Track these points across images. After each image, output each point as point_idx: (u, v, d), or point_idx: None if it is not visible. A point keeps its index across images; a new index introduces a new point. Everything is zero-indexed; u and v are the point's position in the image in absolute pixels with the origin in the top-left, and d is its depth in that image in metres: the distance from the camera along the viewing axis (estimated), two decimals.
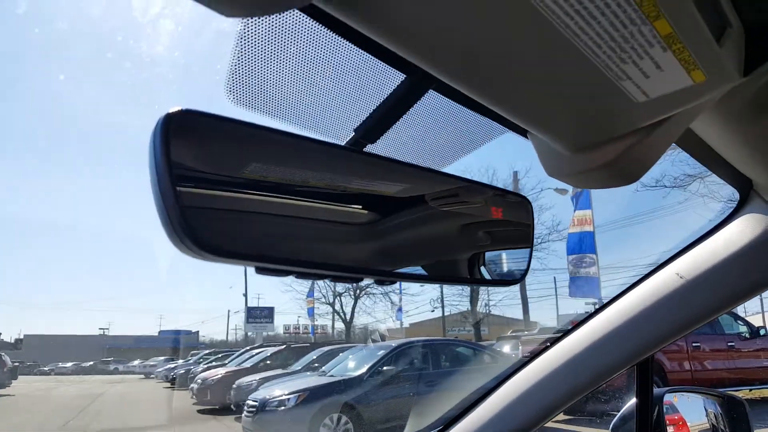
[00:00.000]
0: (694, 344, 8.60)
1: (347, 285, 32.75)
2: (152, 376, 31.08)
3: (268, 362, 14.04)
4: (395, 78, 0.55)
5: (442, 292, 29.73)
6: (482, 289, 26.85)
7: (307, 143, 0.50)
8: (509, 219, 0.61)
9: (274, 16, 0.47)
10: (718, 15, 0.41)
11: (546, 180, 19.28)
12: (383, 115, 0.57)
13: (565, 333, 1.26)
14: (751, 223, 0.98)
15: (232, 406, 10.82)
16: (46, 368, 45.32)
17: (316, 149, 0.51)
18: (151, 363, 36.88)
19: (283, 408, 7.82)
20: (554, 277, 31.41)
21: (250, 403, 8.21)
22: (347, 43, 0.50)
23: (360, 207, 0.51)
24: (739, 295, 1.02)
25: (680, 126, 0.57)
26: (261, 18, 0.47)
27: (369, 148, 0.58)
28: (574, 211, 13.76)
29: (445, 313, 31.26)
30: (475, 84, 0.46)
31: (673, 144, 0.81)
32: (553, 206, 23.25)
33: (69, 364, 47.24)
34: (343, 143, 0.57)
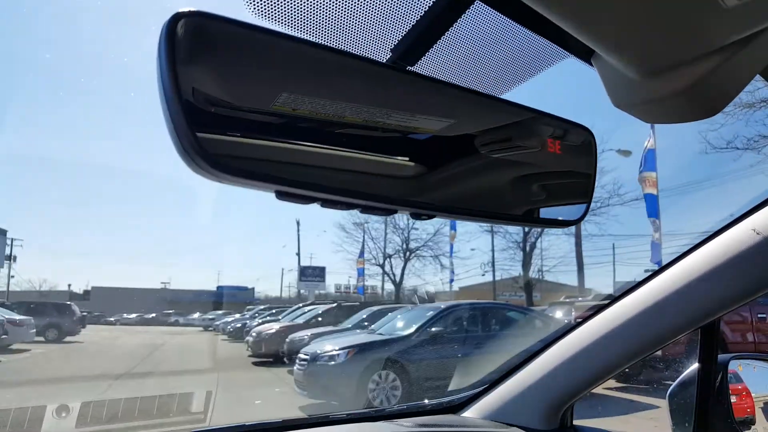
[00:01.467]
0: (759, 315, 8.19)
1: (397, 247, 32.98)
2: (211, 328, 32.58)
3: (320, 319, 14.41)
4: None
5: (493, 255, 29.40)
6: (536, 254, 26.35)
7: (342, 58, 0.44)
8: (569, 153, 0.53)
9: None
10: None
11: (608, 141, 18.43)
12: (424, 32, 0.50)
13: (626, 293, 1.18)
14: None
15: (285, 359, 11.18)
16: (111, 318, 48.10)
17: (352, 66, 0.45)
18: (210, 316, 38.60)
19: (333, 362, 8.01)
20: (613, 243, 30.56)
21: (302, 356, 8.45)
22: None
23: (399, 134, 0.45)
24: None
25: (755, 58, 0.47)
26: None
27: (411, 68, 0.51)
28: (641, 171, 13.23)
29: (497, 278, 31.01)
30: None
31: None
32: (616, 168, 22.29)
33: (133, 315, 50.04)
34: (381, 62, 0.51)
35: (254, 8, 0.46)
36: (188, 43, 0.35)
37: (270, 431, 1.24)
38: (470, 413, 1.43)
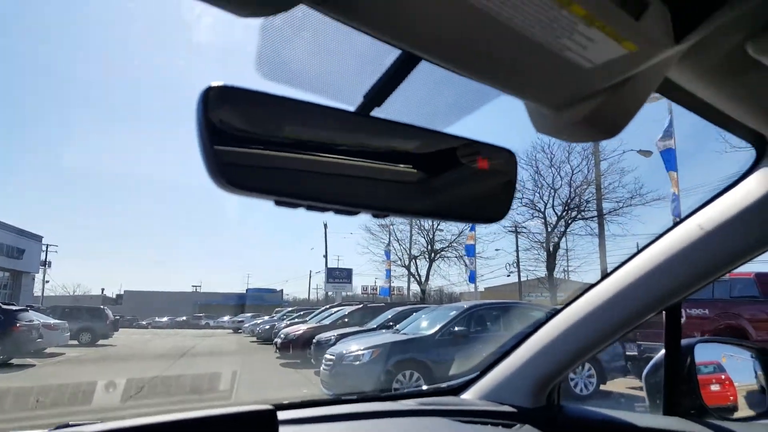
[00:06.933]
0: None
1: (422, 248, 32.99)
2: (240, 331, 33.07)
3: (346, 320, 14.59)
4: (394, 51, 0.64)
5: (517, 256, 29.26)
6: (560, 254, 26.06)
7: (319, 108, 0.61)
8: (495, 169, 0.70)
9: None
10: None
11: (628, 141, 18.36)
12: (386, 82, 0.67)
13: (598, 282, 1.32)
14: (765, 176, 1.00)
15: (312, 360, 11.39)
16: (143, 322, 48.83)
17: (327, 113, 0.62)
18: (239, 319, 39.04)
19: (358, 362, 8.19)
20: (637, 243, 30.13)
21: (328, 357, 8.65)
22: (349, 28, 0.60)
23: (363, 159, 0.63)
24: (757, 245, 1.05)
25: (647, 85, 0.63)
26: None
27: (377, 110, 0.69)
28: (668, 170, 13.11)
29: (522, 278, 30.82)
30: (449, 63, 0.55)
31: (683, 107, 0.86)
32: (636, 168, 22.28)
33: (164, 319, 50.87)
34: (354, 107, 0.68)
35: (263, 73, 0.64)
36: (216, 103, 0.54)
37: (287, 409, 1.39)
38: (468, 395, 1.59)
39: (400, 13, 0.47)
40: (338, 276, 37.96)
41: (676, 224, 1.16)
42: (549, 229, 25.13)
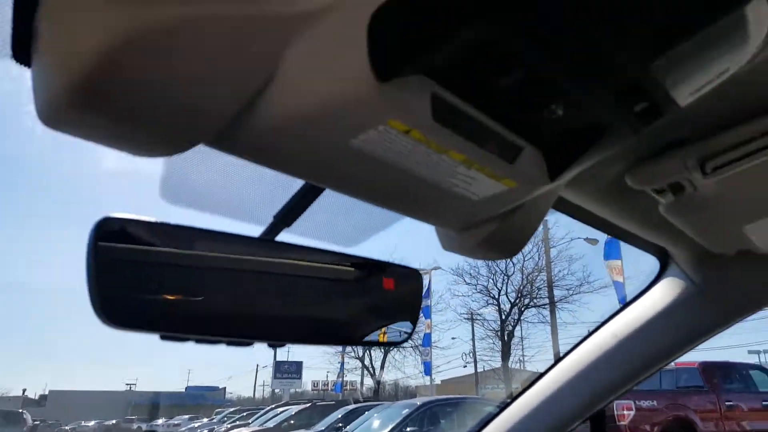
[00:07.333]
0: (727, 403, 8.22)
1: None
2: None
3: (292, 422, 13.87)
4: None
5: (474, 345, 28.92)
6: (515, 343, 25.97)
7: (220, 236, 0.61)
8: (402, 290, 0.71)
9: None
10: (508, 144, 0.52)
11: (575, 230, 19.17)
12: (294, 205, 0.69)
13: (520, 392, 1.31)
14: (670, 287, 1.06)
15: None
16: (67, 427, 44.11)
17: (230, 241, 0.62)
18: (175, 422, 36.09)
19: None
20: (588, 330, 30.42)
21: None
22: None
23: (263, 288, 0.62)
24: (666, 353, 1.09)
25: (539, 209, 0.67)
26: None
27: (286, 231, 0.69)
28: (604, 259, 13.55)
29: (479, 369, 30.25)
30: (349, 194, 0.57)
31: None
32: (584, 256, 23.10)
33: (91, 423, 46.01)
34: (264, 226, 0.69)
35: (169, 199, 0.65)
36: (108, 235, 0.52)
37: None
38: None
39: (294, 154, 0.49)
40: (287, 371, 36.16)
41: (591, 333, 1.19)
42: (503, 317, 25.14)
